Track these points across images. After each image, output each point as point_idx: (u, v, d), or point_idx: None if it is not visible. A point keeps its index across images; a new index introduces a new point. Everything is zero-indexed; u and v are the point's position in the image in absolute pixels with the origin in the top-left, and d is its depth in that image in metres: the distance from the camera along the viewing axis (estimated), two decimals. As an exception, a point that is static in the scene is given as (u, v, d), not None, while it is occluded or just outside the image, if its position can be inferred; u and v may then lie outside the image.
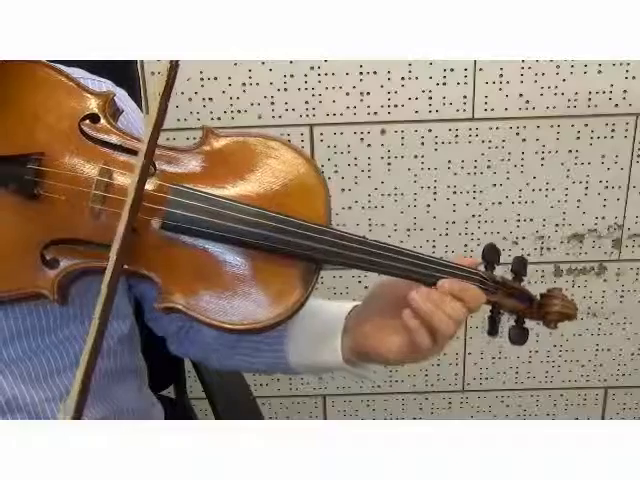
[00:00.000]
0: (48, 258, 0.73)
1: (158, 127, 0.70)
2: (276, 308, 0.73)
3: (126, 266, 0.72)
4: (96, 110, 0.77)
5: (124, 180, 0.74)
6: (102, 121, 0.77)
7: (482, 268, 0.82)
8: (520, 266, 0.84)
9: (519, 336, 0.84)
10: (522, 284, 0.84)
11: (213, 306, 0.73)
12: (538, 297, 0.85)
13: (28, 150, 0.74)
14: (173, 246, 0.74)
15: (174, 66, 0.69)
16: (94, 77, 0.85)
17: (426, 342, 0.75)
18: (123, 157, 0.75)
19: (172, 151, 0.77)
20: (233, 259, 0.74)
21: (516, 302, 0.83)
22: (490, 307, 0.83)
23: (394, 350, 0.77)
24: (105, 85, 0.86)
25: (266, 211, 0.73)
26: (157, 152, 0.75)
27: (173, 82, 0.70)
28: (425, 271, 0.76)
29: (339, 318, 0.83)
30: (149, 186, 0.74)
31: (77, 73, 0.83)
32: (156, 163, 0.76)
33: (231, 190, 0.76)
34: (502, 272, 0.83)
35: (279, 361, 0.87)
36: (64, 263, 0.74)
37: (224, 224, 0.72)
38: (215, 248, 0.74)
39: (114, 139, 0.76)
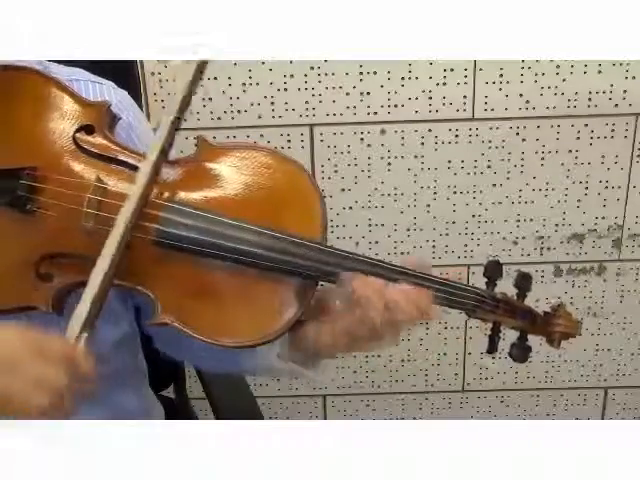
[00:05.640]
0: (42, 272, 0.72)
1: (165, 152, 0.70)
2: (270, 325, 0.72)
3: (120, 282, 0.71)
4: (90, 121, 0.75)
5: (117, 197, 0.71)
6: (97, 133, 0.75)
7: (484, 286, 0.80)
8: (524, 281, 0.82)
9: (520, 354, 0.82)
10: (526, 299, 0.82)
11: (206, 323, 0.72)
12: (542, 314, 0.83)
13: (21, 163, 0.72)
14: (167, 263, 0.73)
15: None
16: (95, 78, 0.84)
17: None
18: (118, 170, 0.74)
19: (165, 164, 0.74)
20: (228, 276, 0.73)
21: (518, 320, 0.81)
22: (490, 325, 0.81)
23: (328, 333, 0.73)
24: (106, 87, 0.84)
25: (260, 228, 0.72)
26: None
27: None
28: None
29: None
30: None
31: (79, 74, 0.82)
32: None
33: (225, 206, 0.74)
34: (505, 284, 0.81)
35: (262, 362, 0.83)
36: (59, 277, 0.72)
37: (218, 242, 0.71)
38: (209, 265, 0.72)
39: (109, 152, 0.75)
